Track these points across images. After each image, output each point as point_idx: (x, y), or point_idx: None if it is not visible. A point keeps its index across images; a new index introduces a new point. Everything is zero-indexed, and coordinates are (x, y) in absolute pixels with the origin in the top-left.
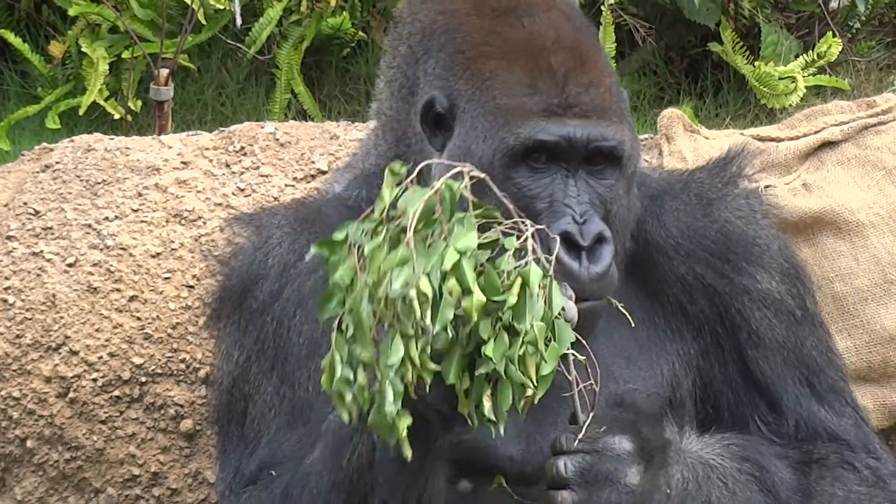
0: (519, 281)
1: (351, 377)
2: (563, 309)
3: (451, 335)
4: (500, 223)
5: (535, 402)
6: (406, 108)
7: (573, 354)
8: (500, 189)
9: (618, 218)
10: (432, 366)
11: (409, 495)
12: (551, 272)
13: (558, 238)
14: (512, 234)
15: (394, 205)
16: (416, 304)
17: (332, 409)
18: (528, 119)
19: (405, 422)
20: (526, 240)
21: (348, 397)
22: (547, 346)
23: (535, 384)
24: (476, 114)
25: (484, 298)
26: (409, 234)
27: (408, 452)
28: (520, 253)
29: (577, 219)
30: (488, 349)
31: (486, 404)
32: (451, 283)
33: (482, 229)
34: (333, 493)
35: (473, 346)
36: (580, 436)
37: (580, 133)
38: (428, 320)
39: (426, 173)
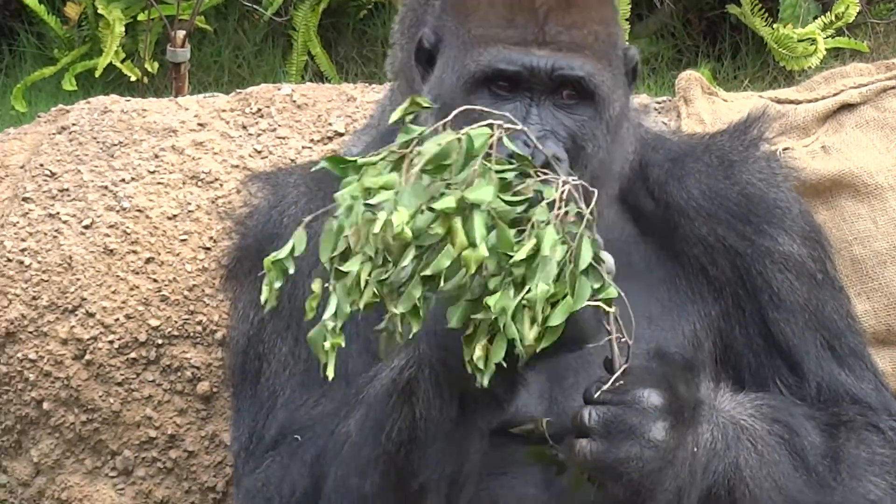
0: (533, 240)
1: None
2: (601, 261)
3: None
4: (537, 174)
5: (537, 351)
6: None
7: (603, 306)
8: (463, 115)
9: (594, 160)
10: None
11: (448, 468)
12: (584, 225)
13: (596, 192)
14: (551, 185)
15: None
16: (377, 226)
17: (370, 380)
18: (492, 47)
19: (336, 340)
20: (559, 193)
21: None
22: (562, 300)
23: (523, 342)
24: (452, 45)
25: (486, 253)
26: (411, 167)
27: (329, 373)
28: (554, 205)
29: (529, 143)
30: (491, 299)
31: (478, 352)
32: (456, 228)
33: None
34: (372, 468)
35: (480, 293)
36: (607, 386)
37: (543, 62)
38: (404, 261)
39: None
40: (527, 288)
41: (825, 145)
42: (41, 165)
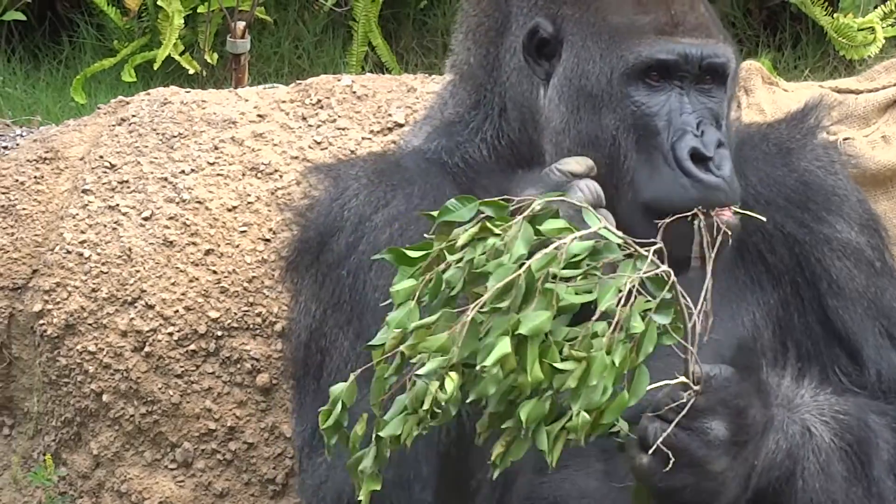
0: (583, 365)
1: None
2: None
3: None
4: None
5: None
6: (493, 51)
7: (689, 308)
8: (620, 106)
9: (726, 135)
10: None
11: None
12: (649, 317)
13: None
14: (629, 259)
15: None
16: (429, 395)
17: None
18: (643, 37)
19: (373, 486)
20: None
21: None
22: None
23: (552, 453)
24: (586, 34)
25: (541, 377)
26: (468, 315)
27: None
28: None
29: (696, 132)
30: (524, 410)
31: (497, 449)
32: (504, 362)
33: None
34: (430, 471)
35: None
36: (686, 410)
37: (695, 51)
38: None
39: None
40: (568, 416)
41: (885, 135)
42: (101, 157)
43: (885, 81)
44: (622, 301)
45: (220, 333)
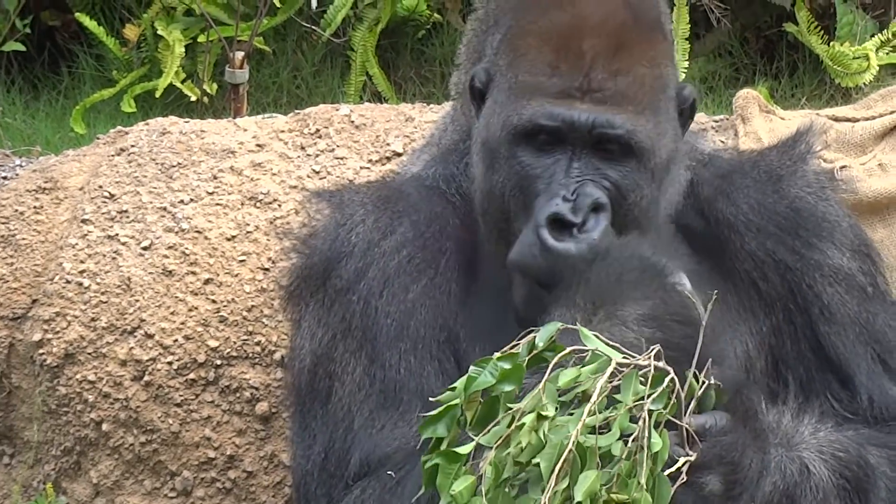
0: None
1: None
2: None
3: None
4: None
5: None
6: None
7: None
8: (507, 165)
9: (637, 208)
10: None
11: None
12: (661, 431)
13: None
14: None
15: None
16: None
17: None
18: (535, 99)
19: None
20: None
21: None
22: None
23: None
24: (501, 89)
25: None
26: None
27: None
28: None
29: (569, 196)
30: (579, 492)
31: None
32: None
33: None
34: None
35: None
36: (675, 468)
37: (584, 118)
38: None
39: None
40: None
41: (882, 163)
42: (100, 187)
43: (882, 109)
44: (638, 420)
45: (219, 362)
